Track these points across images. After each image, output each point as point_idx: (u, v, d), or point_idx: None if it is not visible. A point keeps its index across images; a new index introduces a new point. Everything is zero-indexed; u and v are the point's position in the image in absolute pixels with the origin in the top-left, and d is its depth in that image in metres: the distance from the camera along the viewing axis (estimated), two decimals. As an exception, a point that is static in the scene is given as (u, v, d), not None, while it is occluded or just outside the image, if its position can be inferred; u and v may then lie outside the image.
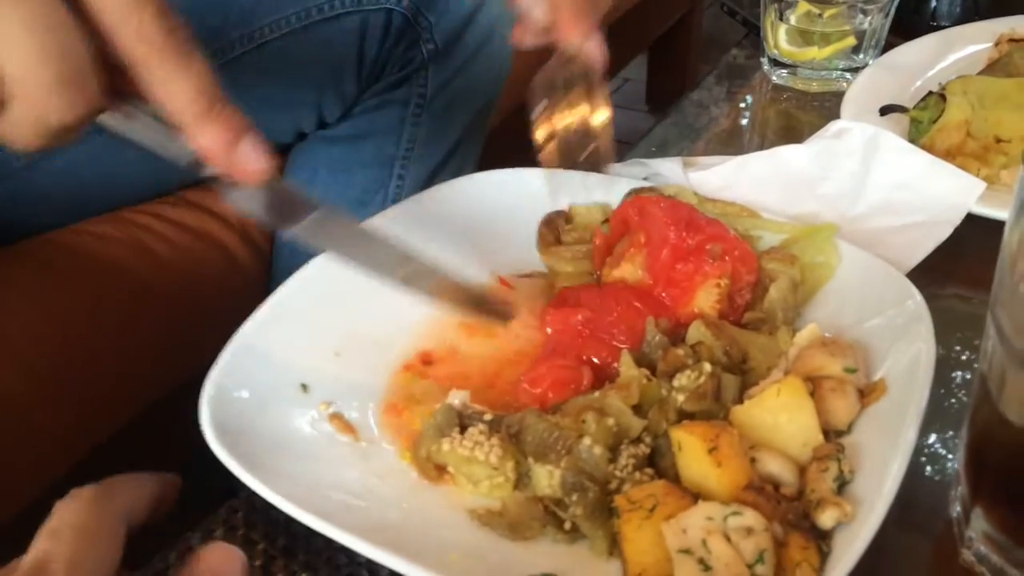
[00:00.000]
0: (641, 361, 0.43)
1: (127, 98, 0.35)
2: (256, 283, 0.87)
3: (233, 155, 0.35)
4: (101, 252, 0.77)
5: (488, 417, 0.40)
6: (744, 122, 0.78)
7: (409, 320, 0.49)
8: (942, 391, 0.47)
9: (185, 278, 0.80)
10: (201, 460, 0.41)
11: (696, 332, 0.45)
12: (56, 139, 0.33)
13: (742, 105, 0.79)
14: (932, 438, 0.45)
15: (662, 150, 0.72)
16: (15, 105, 0.32)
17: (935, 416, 0.45)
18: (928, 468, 0.44)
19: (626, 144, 0.75)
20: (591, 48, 0.47)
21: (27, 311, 0.71)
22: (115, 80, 0.33)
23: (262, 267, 0.87)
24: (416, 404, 0.43)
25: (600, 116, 0.47)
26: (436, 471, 0.40)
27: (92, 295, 0.75)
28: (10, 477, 0.67)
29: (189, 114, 0.34)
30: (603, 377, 0.45)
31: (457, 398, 0.41)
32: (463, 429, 0.40)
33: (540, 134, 0.48)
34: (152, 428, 0.78)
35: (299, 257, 0.86)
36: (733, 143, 0.75)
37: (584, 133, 0.47)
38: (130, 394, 0.77)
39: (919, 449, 0.40)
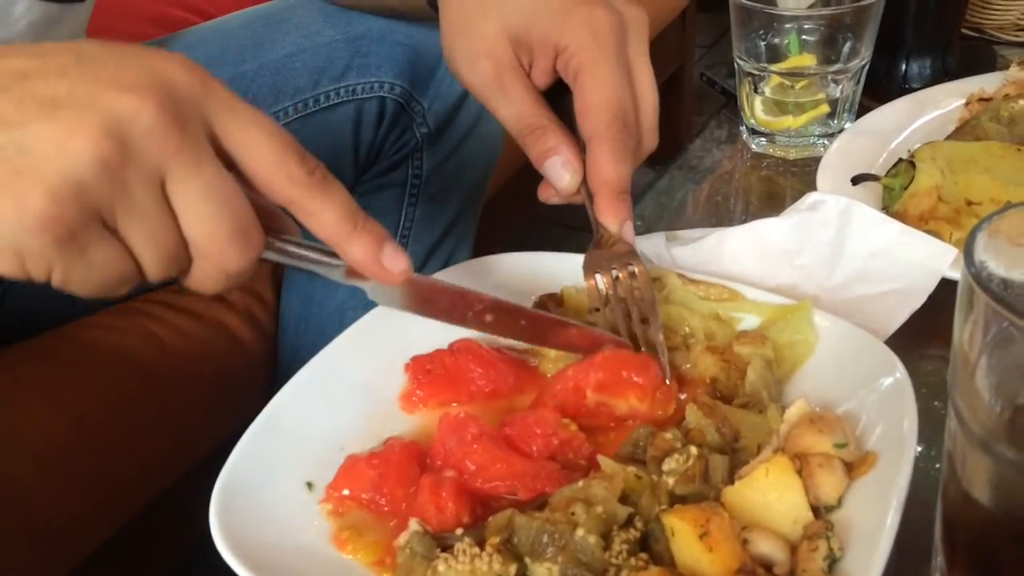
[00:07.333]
0: (625, 457, 0.45)
1: (274, 232, 0.40)
2: (262, 364, 0.89)
3: (380, 262, 0.41)
4: (109, 342, 0.79)
5: (460, 532, 0.42)
6: (727, 189, 0.80)
7: (410, 414, 0.51)
8: (931, 452, 0.49)
9: (192, 363, 0.83)
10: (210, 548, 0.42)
11: (692, 415, 0.47)
12: (233, 282, 0.39)
13: (723, 173, 0.81)
14: (918, 504, 0.47)
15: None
16: (199, 262, 0.38)
17: (920, 482, 0.47)
18: (914, 535, 0.45)
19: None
20: (627, 233, 0.50)
21: (38, 404, 0.73)
22: (264, 219, 0.39)
23: (267, 348, 0.89)
24: (359, 536, 0.44)
25: (648, 296, 0.51)
26: None
27: (101, 386, 0.77)
28: (25, 571, 0.68)
29: (340, 235, 0.40)
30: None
31: (417, 524, 0.42)
32: (442, 549, 0.41)
33: (601, 321, 0.52)
34: (164, 514, 0.79)
35: (304, 337, 0.89)
36: (716, 210, 0.77)
37: (638, 316, 0.51)
38: (142, 482, 0.78)
39: (906, 518, 0.41)
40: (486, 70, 0.51)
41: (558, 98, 0.53)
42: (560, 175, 0.50)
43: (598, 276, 0.51)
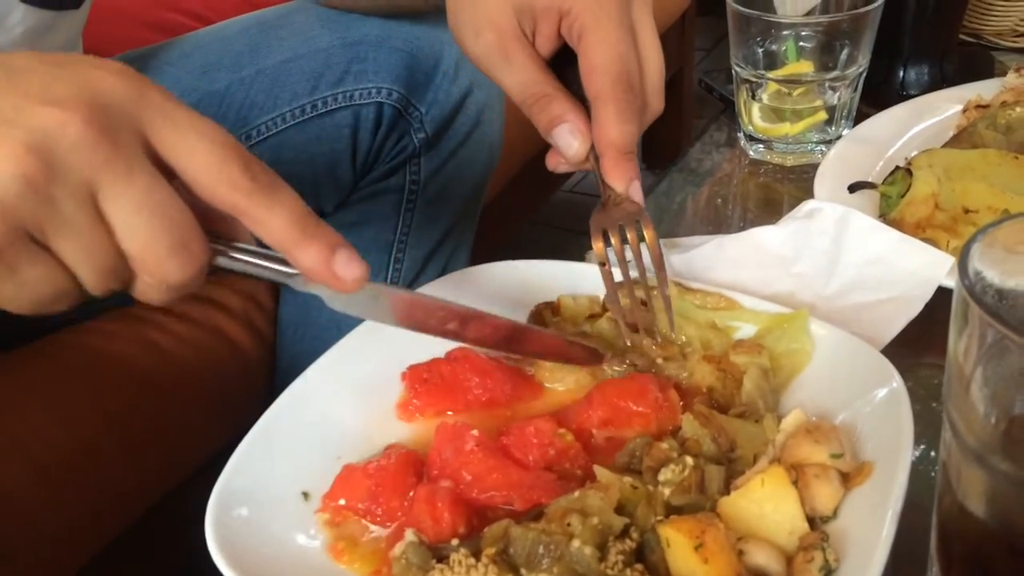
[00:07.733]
0: (621, 467, 0.45)
1: (222, 239, 0.39)
2: (260, 371, 0.89)
3: (331, 270, 0.39)
4: (108, 348, 0.79)
5: (455, 543, 0.42)
6: (726, 194, 0.81)
7: (407, 422, 0.51)
8: (930, 454, 0.49)
9: (191, 370, 0.83)
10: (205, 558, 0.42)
11: (688, 425, 0.47)
12: (178, 294, 0.38)
13: (721, 177, 0.81)
14: (917, 509, 0.47)
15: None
16: (140, 275, 0.37)
17: (917, 490, 0.47)
18: (912, 541, 0.45)
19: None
20: (634, 192, 0.50)
21: (36, 411, 0.73)
22: (211, 224, 0.38)
23: (266, 353, 0.89)
24: (355, 547, 0.44)
25: (656, 253, 0.51)
26: None
27: (100, 392, 0.77)
28: (23, 577, 0.68)
29: (288, 242, 0.38)
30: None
31: (413, 535, 0.42)
32: (438, 559, 0.41)
33: (606, 277, 0.51)
34: (160, 522, 0.79)
35: (302, 342, 0.89)
36: (715, 215, 0.77)
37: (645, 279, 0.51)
38: (139, 488, 0.78)
39: (905, 524, 0.41)
40: (489, 40, 0.51)
41: (562, 69, 0.53)
42: (569, 142, 0.50)
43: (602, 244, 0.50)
